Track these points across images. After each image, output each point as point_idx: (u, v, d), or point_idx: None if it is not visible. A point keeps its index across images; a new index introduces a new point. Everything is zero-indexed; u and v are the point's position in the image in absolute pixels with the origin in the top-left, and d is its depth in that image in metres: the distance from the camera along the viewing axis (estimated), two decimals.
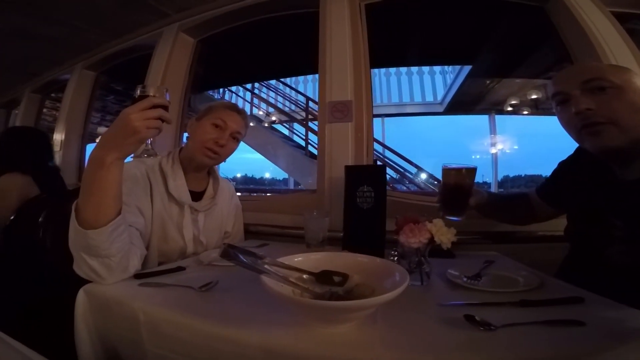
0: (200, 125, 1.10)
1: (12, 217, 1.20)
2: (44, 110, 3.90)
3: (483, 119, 7.52)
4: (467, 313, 0.56)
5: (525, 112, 6.39)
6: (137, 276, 0.80)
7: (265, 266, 0.59)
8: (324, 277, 0.64)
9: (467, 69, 5.45)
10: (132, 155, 0.78)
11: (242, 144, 1.20)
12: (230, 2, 2.04)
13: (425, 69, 8.06)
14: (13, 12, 2.28)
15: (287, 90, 7.57)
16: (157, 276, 0.81)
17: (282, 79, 7.25)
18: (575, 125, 0.81)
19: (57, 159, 2.95)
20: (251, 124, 6.70)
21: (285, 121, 7.33)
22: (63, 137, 2.94)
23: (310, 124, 6.29)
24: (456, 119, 8.10)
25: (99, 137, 0.74)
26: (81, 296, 0.72)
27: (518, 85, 5.58)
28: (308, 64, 1.93)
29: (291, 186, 8.39)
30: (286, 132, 7.23)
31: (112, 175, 0.72)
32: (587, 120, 0.77)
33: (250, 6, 1.99)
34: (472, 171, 0.99)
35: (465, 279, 0.80)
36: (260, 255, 0.61)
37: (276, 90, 7.52)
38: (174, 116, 2.11)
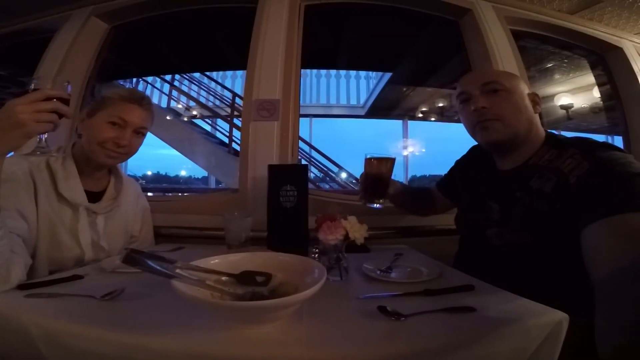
0: (94, 123, 0.95)
1: None
2: None
3: (398, 123, 8.23)
4: (381, 305, 0.61)
5: (433, 119, 7.16)
6: (22, 287, 0.69)
7: (177, 270, 0.55)
8: (245, 277, 0.62)
9: (388, 76, 5.86)
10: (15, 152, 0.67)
11: (155, 139, 1.09)
12: None
13: (352, 73, 8.47)
14: None
15: (213, 84, 7.18)
16: (48, 286, 0.71)
17: (207, 73, 6.86)
18: (472, 121, 0.95)
19: None
20: (168, 117, 6.20)
21: (208, 116, 6.95)
22: None
23: (235, 120, 6.07)
24: (376, 123, 8.68)
25: None
26: None
27: (429, 93, 6.21)
28: (238, 59, 1.86)
29: (212, 185, 8.00)
30: (208, 128, 6.87)
31: None
32: (481, 117, 0.92)
33: None
34: (391, 161, 1.07)
35: (378, 272, 0.86)
36: (170, 259, 0.57)
37: (199, 84, 7.08)
38: (72, 107, 1.82)
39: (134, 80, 6.43)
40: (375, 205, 1.07)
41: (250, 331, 0.54)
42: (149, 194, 1.32)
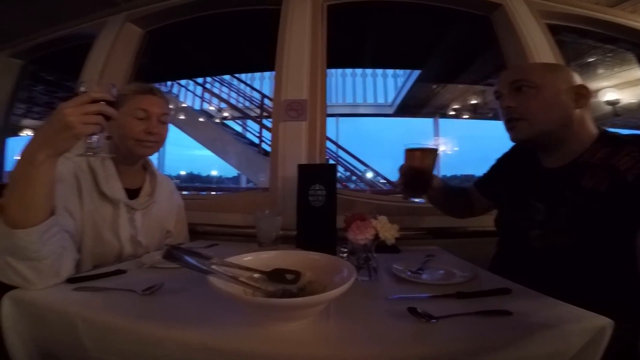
0: (120, 121, 0.98)
1: None
2: None
3: (428, 121, 8.02)
4: (411, 306, 0.60)
5: (465, 116, 6.92)
6: (71, 280, 0.74)
7: (213, 266, 0.57)
8: (276, 275, 0.64)
9: (416, 73, 5.74)
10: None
11: (189, 139, 1.14)
12: None
13: (379, 71, 8.37)
14: None
15: (242, 86, 7.37)
16: (94, 280, 0.76)
17: (236, 75, 7.05)
18: (503, 120, 0.93)
19: None
20: (201, 119, 6.44)
21: (239, 118, 7.14)
22: None
23: (265, 121, 6.19)
24: (404, 121, 8.52)
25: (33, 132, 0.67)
26: (6, 305, 0.65)
27: (460, 90, 6.02)
28: (265, 60, 1.90)
29: (243, 184, 8.21)
30: (239, 129, 7.06)
31: (43, 173, 0.66)
32: (508, 116, 0.90)
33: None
34: (434, 152, 1.02)
35: (409, 273, 0.85)
36: (206, 255, 0.59)
37: (229, 86, 7.29)
38: None
39: (169, 83, 6.74)
40: (417, 198, 1.04)
41: (278, 328, 0.55)
42: (184, 192, 1.37)
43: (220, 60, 3.76)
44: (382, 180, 6.98)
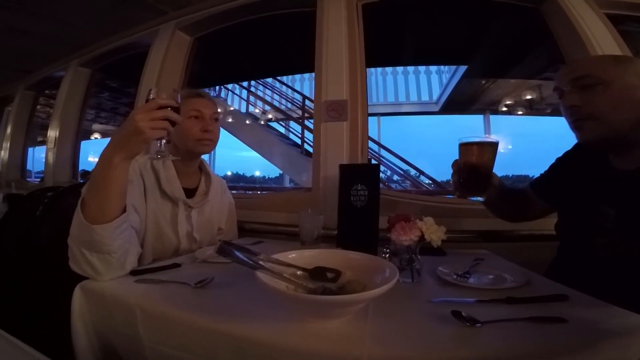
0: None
1: (5, 211, 1.21)
2: (38, 107, 3.87)
3: (478, 118, 7.59)
4: (455, 309, 0.58)
5: (520, 113, 6.46)
6: (133, 273, 0.81)
7: (260, 262, 0.60)
8: (317, 273, 0.65)
9: (462, 68, 5.49)
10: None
11: (235, 141, 1.21)
12: (227, 0, 2.04)
13: (422, 68, 8.10)
14: (2, 8, 2.26)
15: (284, 88, 7.56)
16: (153, 273, 0.82)
17: (278, 77, 7.24)
18: (567, 119, 0.85)
19: (50, 156, 2.94)
20: (247, 122, 6.71)
21: (282, 119, 7.33)
22: (57, 134, 2.92)
23: (307, 122, 6.29)
24: (451, 119, 8.15)
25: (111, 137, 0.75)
26: (78, 293, 0.73)
27: (513, 85, 5.64)
28: (304, 62, 1.94)
29: (286, 184, 8.40)
30: (282, 130, 7.24)
31: (119, 174, 0.73)
32: (573, 116, 0.82)
33: (248, 4, 2.00)
34: (494, 146, 0.91)
35: (454, 277, 0.82)
36: (255, 251, 0.62)
37: (272, 88, 7.51)
38: None
39: (217, 88, 7.10)
40: (475, 197, 0.97)
41: (317, 325, 0.56)
42: (233, 192, 1.44)
43: (263, 63, 3.89)
44: (427, 181, 6.75)
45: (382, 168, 6.66)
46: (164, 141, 0.79)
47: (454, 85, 6.30)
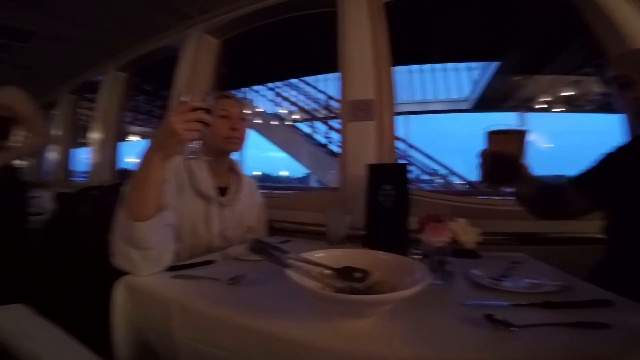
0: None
1: (53, 209, 1.31)
2: (79, 110, 4.12)
3: (512, 116, 7.28)
4: (488, 313, 0.56)
5: (557, 110, 6.13)
6: (170, 269, 0.85)
7: (290, 260, 0.61)
8: (344, 272, 0.65)
9: (494, 65, 5.29)
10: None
11: (263, 142, 1.24)
12: (251, 3, 2.08)
13: (450, 65, 7.87)
14: (44, 16, 2.41)
15: (308, 88, 7.61)
16: (188, 269, 0.85)
17: (303, 78, 7.30)
18: (632, 109, 0.80)
19: (93, 157, 3.13)
20: (274, 123, 6.82)
21: (307, 120, 7.38)
22: (99, 136, 3.10)
23: (333, 121, 6.31)
24: (484, 117, 7.85)
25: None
26: (120, 288, 0.77)
27: (548, 82, 5.37)
28: (329, 62, 1.94)
29: (312, 184, 8.45)
30: (308, 130, 7.29)
31: (157, 173, 0.78)
32: None
33: (271, 7, 2.02)
34: (522, 134, 0.87)
35: (489, 280, 0.79)
36: (284, 250, 0.63)
37: (297, 89, 7.58)
38: None
39: (244, 90, 7.25)
40: (503, 188, 0.91)
41: (344, 324, 0.56)
42: (261, 191, 1.48)
43: (287, 64, 3.95)
44: (459, 181, 6.55)
45: (410, 167, 6.54)
46: (196, 142, 0.82)
47: (486, 82, 6.08)
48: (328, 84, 8.35)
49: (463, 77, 7.89)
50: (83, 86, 3.76)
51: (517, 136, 0.88)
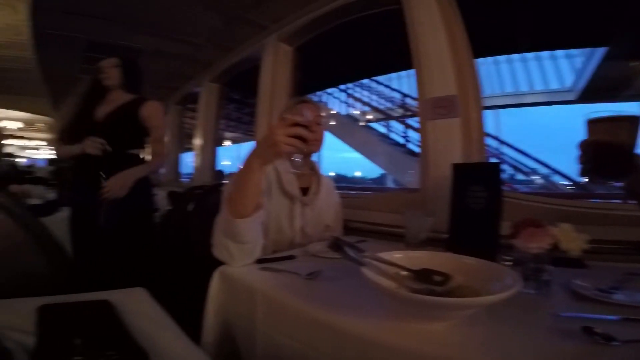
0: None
1: (168, 208, 1.55)
2: (185, 119, 4.75)
3: (629, 106, 6.04)
4: (587, 325, 0.50)
5: None
6: (258, 261, 0.93)
7: (366, 259, 0.62)
8: (423, 275, 0.63)
9: (601, 50, 4.49)
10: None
11: (339, 143, 1.27)
12: (318, 7, 2.14)
13: (544, 54, 6.90)
14: (147, 34, 2.83)
15: (381, 88, 7.47)
16: (273, 262, 0.93)
17: (374, 78, 7.19)
18: None
19: (197, 161, 3.59)
20: (348, 124, 6.88)
21: (382, 119, 7.26)
22: (200, 142, 3.55)
23: (409, 120, 6.09)
24: (594, 108, 6.67)
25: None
26: (216, 277, 0.88)
27: None
28: (399, 60, 1.87)
29: (388, 184, 8.26)
30: (383, 130, 7.16)
31: (256, 177, 0.86)
32: None
33: (337, 9, 2.05)
34: (633, 120, 0.71)
35: (594, 291, 0.68)
36: (361, 249, 0.64)
37: (369, 89, 7.51)
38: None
39: (318, 93, 7.45)
40: (611, 182, 0.75)
41: (419, 326, 0.55)
42: (338, 192, 1.51)
43: (358, 65, 3.93)
44: (564, 182, 5.69)
45: (502, 166, 5.92)
46: (298, 156, 0.89)
47: (592, 70, 5.20)
48: (402, 82, 8.11)
49: (563, 66, 6.84)
50: (186, 97, 4.33)
51: (625, 123, 0.72)
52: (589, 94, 6.01)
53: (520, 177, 5.94)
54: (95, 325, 0.51)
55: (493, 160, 5.21)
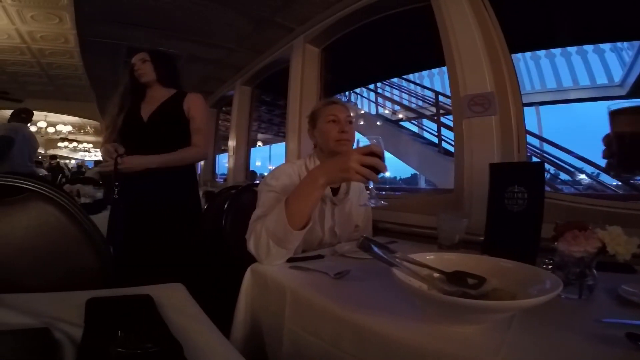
0: (320, 128, 1.24)
1: (205, 207, 1.60)
2: (220, 122, 4.92)
3: None
4: (631, 332, 0.47)
5: None
6: (288, 260, 0.94)
7: (397, 260, 0.61)
8: (456, 277, 0.62)
9: None
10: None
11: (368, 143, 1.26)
12: (343, 7, 2.14)
13: (588, 47, 6.39)
14: (182, 40, 2.96)
15: (412, 86, 7.29)
16: (303, 261, 0.94)
17: (404, 76, 7.03)
18: None
19: (231, 162, 3.71)
20: (378, 123, 6.79)
21: (413, 118, 7.09)
22: (234, 144, 3.67)
23: (443, 118, 5.89)
24: None
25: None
26: (248, 273, 0.90)
27: None
28: (430, 57, 1.82)
29: (420, 185, 8.05)
30: (415, 129, 6.98)
31: (317, 192, 0.87)
32: None
33: (363, 8, 2.05)
34: None
35: None
36: (392, 249, 0.64)
37: (400, 88, 7.35)
38: (304, 121, 2.32)
39: (347, 93, 7.41)
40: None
41: (449, 329, 0.53)
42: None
43: (386, 64, 3.86)
44: (614, 182, 5.24)
45: (546, 166, 5.56)
46: (372, 184, 0.86)
47: None
48: (434, 80, 7.87)
49: (610, 60, 6.29)
50: (220, 100, 4.49)
51: None
52: None
53: (564, 176, 5.54)
54: (136, 319, 0.54)
55: (535, 159, 4.90)
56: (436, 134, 5.99)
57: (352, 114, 1.27)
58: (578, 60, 6.67)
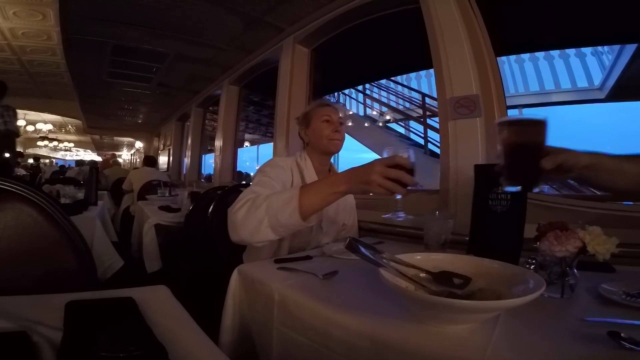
0: (314, 127, 1.26)
1: (190, 207, 1.59)
2: (207, 121, 4.86)
3: None
4: (614, 330, 0.48)
5: None
6: (275, 260, 0.94)
7: (384, 260, 0.62)
8: (442, 277, 0.63)
9: (631, 47, 4.28)
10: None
11: (357, 144, 1.28)
12: (334, 8, 2.14)
13: (570, 51, 6.59)
14: (170, 38, 2.92)
15: (400, 88, 7.37)
16: (290, 262, 0.94)
17: (392, 78, 7.10)
18: None
19: (217, 162, 3.66)
20: (365, 124, 6.83)
21: (400, 120, 7.17)
22: (221, 143, 3.62)
23: (429, 120, 5.97)
24: (626, 106, 6.36)
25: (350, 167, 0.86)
26: (235, 274, 0.89)
27: None
28: (418, 60, 1.84)
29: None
30: (402, 130, 7.06)
31: (334, 197, 0.86)
32: None
33: (352, 10, 2.05)
34: (537, 125, 0.66)
35: (623, 296, 0.65)
36: (379, 250, 0.64)
37: (387, 89, 7.42)
38: (292, 121, 2.34)
39: (335, 94, 7.41)
40: (520, 188, 0.71)
41: (435, 329, 0.54)
42: None
43: (374, 66, 3.90)
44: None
45: None
46: (399, 196, 0.83)
47: (622, 68, 4.96)
48: (422, 82, 7.97)
49: (590, 63, 6.50)
50: (207, 100, 4.44)
51: (531, 126, 0.67)
52: (619, 93, 5.71)
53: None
54: (119, 321, 0.53)
55: None
56: (422, 135, 6.07)
57: (342, 116, 1.30)
58: (560, 64, 6.87)
